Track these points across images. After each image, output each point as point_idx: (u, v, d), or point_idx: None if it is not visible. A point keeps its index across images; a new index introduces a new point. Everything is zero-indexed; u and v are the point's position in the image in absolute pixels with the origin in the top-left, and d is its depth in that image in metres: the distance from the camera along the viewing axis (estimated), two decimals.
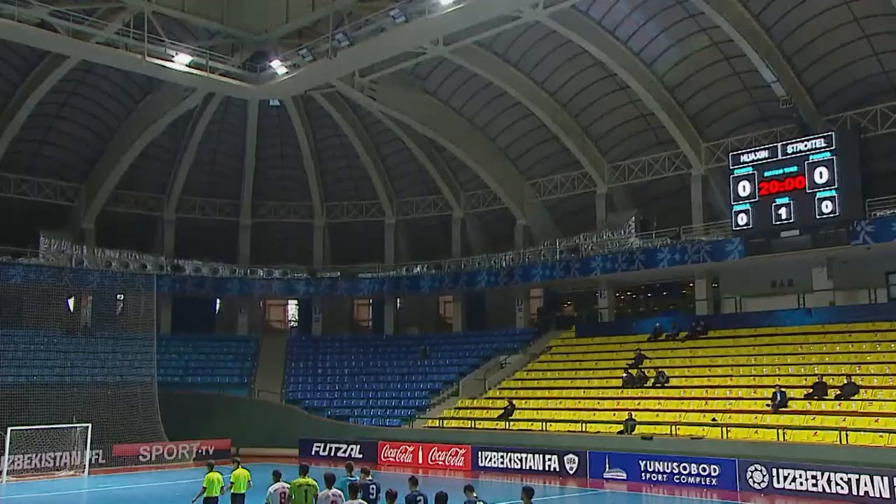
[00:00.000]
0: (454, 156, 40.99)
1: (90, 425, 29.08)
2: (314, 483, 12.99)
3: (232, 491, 15.78)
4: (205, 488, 15.81)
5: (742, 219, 30.35)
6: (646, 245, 34.28)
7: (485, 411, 33.04)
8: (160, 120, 39.05)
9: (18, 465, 28.24)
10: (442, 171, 42.62)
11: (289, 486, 13.23)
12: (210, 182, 44.36)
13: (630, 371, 30.99)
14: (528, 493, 9.76)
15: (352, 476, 13.20)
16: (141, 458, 31.55)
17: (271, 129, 42.55)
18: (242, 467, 16.18)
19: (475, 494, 11.28)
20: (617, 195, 38.03)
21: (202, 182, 44.08)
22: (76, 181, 41.91)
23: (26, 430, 27.98)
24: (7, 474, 27.33)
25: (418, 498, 11.63)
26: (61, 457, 29.21)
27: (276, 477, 13.76)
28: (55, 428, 28.72)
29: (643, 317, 37.72)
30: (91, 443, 29.19)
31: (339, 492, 12.12)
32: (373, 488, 12.80)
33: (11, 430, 27.47)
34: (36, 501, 23.24)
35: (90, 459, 29.26)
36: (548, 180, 40.28)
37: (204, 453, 31.44)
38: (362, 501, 11.63)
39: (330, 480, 12.40)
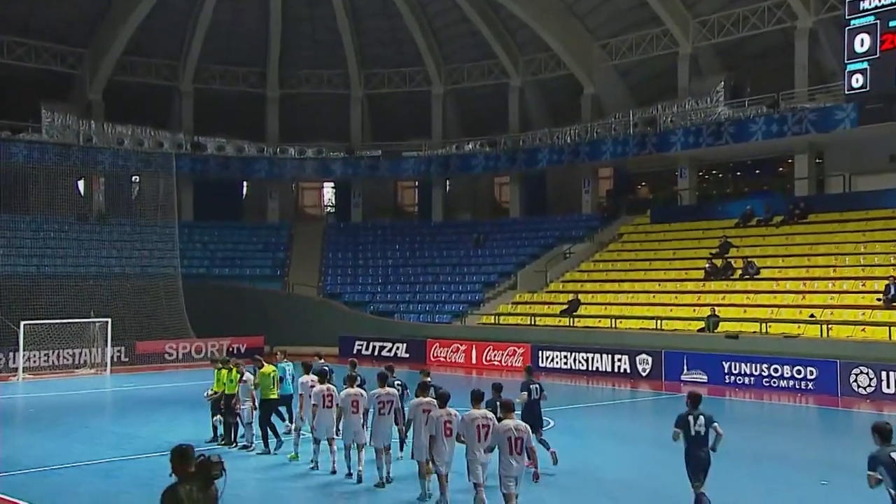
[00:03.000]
0: (511, 13, 39.62)
1: (110, 320, 29.75)
2: (274, 368, 16.15)
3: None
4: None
5: (857, 80, 28.76)
6: (736, 115, 33.21)
7: (546, 307, 33.02)
8: None
9: (35, 361, 29.19)
10: (497, 32, 41.25)
11: (253, 377, 15.83)
12: (231, 47, 43.63)
13: (714, 261, 30.55)
14: None
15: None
16: (167, 356, 32.45)
17: None
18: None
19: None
20: (703, 56, 36.68)
21: (222, 47, 43.35)
22: (79, 45, 41.41)
23: (41, 324, 28.73)
24: (23, 371, 28.23)
25: (398, 382, 14.29)
26: (80, 354, 30.12)
27: (241, 374, 16.17)
28: (72, 322, 29.43)
29: (730, 199, 36.88)
30: (112, 339, 29.94)
31: (317, 378, 14.38)
32: (327, 367, 15.23)
33: (25, 325, 28.18)
34: (55, 400, 23.94)
35: (112, 357, 30.08)
36: (621, 40, 38.81)
37: (235, 351, 32.04)
38: (329, 384, 13.87)
39: (308, 367, 15.18)
